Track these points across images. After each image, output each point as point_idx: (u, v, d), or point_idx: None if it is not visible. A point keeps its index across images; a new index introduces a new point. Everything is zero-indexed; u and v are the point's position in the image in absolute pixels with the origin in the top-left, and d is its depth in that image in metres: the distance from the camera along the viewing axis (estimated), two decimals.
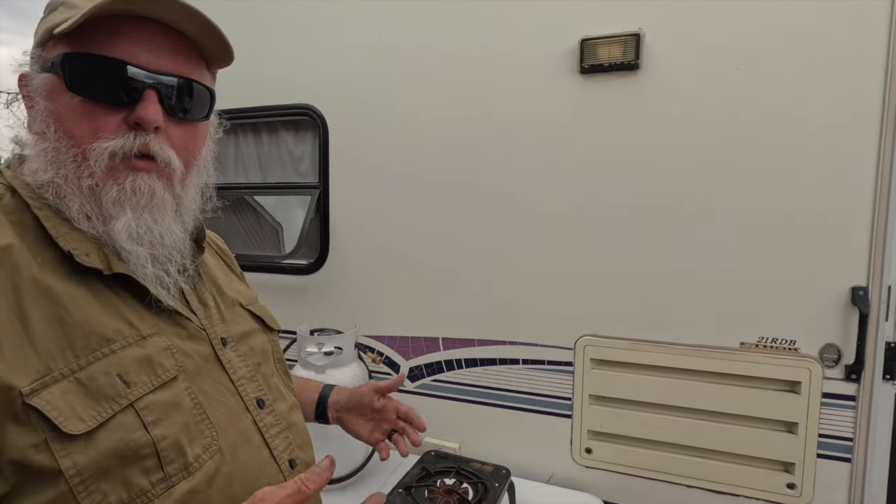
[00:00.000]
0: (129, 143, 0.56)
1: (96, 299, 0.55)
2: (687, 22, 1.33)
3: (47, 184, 0.56)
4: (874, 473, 1.25)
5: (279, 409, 0.70)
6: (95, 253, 0.56)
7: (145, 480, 0.51)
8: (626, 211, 1.42)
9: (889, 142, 1.20)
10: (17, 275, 0.50)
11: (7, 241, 0.51)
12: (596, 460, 1.48)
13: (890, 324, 1.23)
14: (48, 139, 0.56)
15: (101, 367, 0.51)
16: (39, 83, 0.57)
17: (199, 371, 0.61)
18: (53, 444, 0.46)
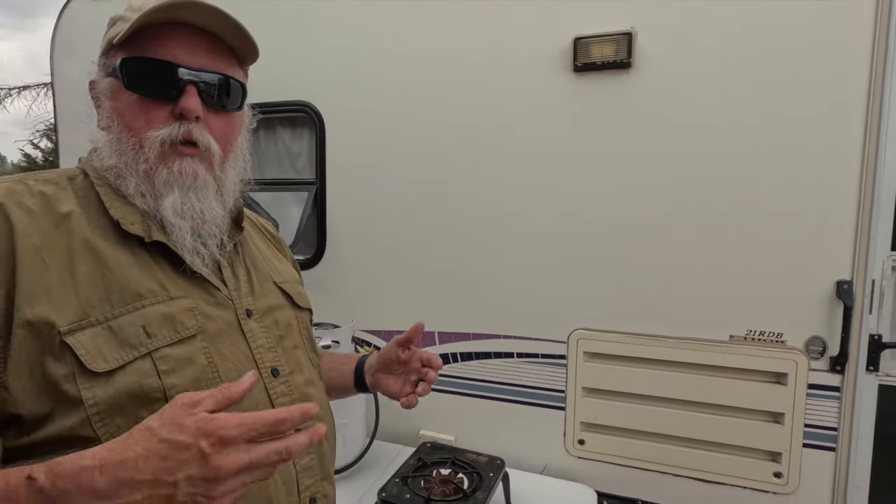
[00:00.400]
0: (175, 131, 0.66)
1: (136, 262, 0.64)
2: (678, 21, 1.36)
3: (111, 167, 0.66)
4: (858, 462, 1.29)
5: (294, 381, 0.74)
6: (139, 223, 0.65)
7: None
8: (618, 207, 1.44)
9: (873, 141, 1.23)
10: (71, 237, 0.61)
11: (69, 208, 0.63)
12: (589, 451, 1.52)
13: (873, 317, 1.27)
14: (113, 132, 0.67)
15: (130, 318, 0.59)
16: (104, 86, 0.68)
17: (221, 334, 0.67)
18: (79, 378, 0.54)
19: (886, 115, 1.20)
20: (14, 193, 0.61)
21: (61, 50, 2.15)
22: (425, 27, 1.59)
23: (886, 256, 1.25)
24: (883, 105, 1.21)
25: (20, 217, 0.59)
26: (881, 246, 1.25)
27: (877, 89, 1.21)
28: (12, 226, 0.58)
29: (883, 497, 1.29)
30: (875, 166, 1.23)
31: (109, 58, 0.68)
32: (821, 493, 1.33)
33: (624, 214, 1.44)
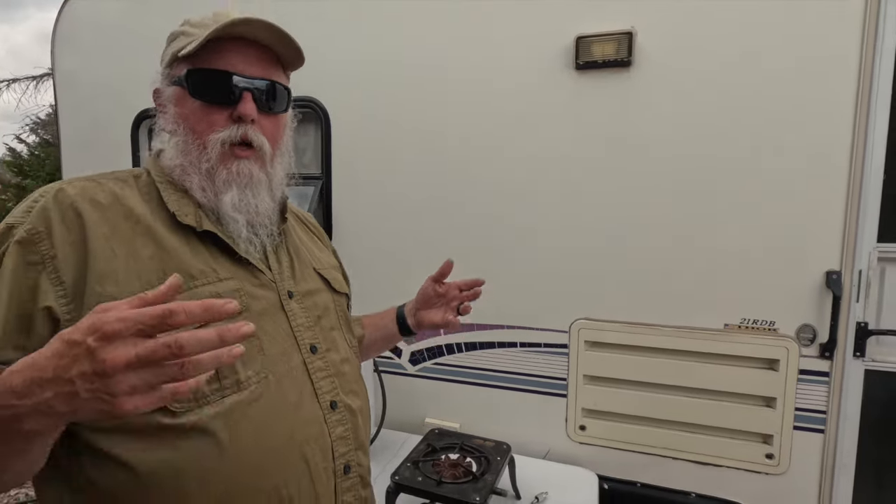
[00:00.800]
0: (234, 133, 0.73)
1: (189, 248, 0.71)
2: (677, 22, 1.40)
3: (178, 166, 0.74)
4: (845, 443, 1.36)
5: (331, 358, 0.81)
6: (192, 214, 0.73)
7: (206, 387, 0.65)
8: (618, 203, 1.50)
9: (861, 137, 1.29)
10: (136, 226, 0.69)
11: (134, 202, 0.71)
12: (590, 436, 1.57)
13: (860, 305, 1.33)
14: (178, 135, 0.74)
15: (183, 297, 0.65)
16: (169, 94, 0.76)
17: (265, 313, 0.74)
18: None
19: (874, 117, 1.27)
20: (86, 191, 0.68)
21: (62, 44, 2.15)
22: (430, 26, 1.63)
23: (873, 248, 1.31)
24: (870, 107, 1.27)
25: (90, 212, 0.66)
26: (868, 238, 1.31)
27: (864, 90, 1.27)
28: (84, 219, 0.65)
29: (868, 474, 1.36)
30: (863, 164, 1.29)
31: (174, 69, 0.76)
32: (810, 473, 1.40)
33: (623, 209, 1.49)
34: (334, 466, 0.76)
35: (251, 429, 0.67)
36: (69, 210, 0.65)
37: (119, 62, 2.07)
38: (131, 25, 2.04)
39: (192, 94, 0.73)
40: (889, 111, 1.27)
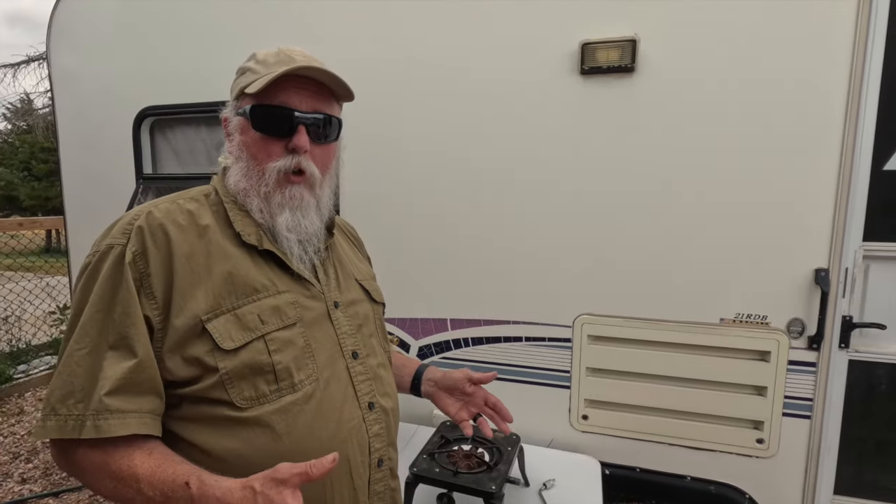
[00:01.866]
0: (289, 162, 0.82)
1: (253, 263, 0.80)
2: (679, 30, 1.46)
3: (242, 190, 0.83)
4: (829, 427, 1.46)
5: (369, 363, 0.90)
6: (254, 234, 0.82)
7: (265, 388, 0.75)
8: (620, 202, 1.56)
9: (850, 141, 1.37)
10: (210, 244, 0.78)
11: (206, 222, 0.80)
12: (592, 426, 1.66)
13: (846, 300, 1.43)
14: (242, 160, 0.83)
15: (250, 308, 0.77)
16: (235, 123, 0.84)
17: (315, 322, 0.83)
18: (215, 353, 0.72)
19: (862, 126, 1.34)
20: (170, 213, 0.78)
21: (58, 40, 2.12)
22: (436, 28, 1.66)
23: (858, 247, 1.40)
24: (859, 116, 1.35)
25: (175, 233, 0.76)
26: (854, 237, 1.40)
27: (854, 98, 1.35)
28: (170, 239, 0.75)
29: (850, 456, 1.47)
30: (851, 168, 1.37)
31: (240, 101, 0.84)
32: (797, 456, 1.50)
33: (625, 210, 1.56)
34: (370, 461, 0.85)
35: (303, 424, 0.76)
36: (158, 231, 0.74)
37: (119, 58, 2.06)
38: (130, 20, 2.02)
39: (255, 126, 0.81)
40: (875, 120, 1.34)
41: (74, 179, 2.21)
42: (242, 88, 0.82)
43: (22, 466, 2.96)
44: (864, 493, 1.48)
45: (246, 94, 0.81)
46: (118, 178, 2.10)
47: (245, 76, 0.84)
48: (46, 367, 4.26)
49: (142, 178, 2.09)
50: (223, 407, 0.73)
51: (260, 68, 0.82)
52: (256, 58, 0.84)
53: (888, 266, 1.42)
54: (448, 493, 1.28)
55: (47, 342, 4.61)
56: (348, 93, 0.88)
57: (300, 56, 0.83)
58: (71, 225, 2.25)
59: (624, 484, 1.64)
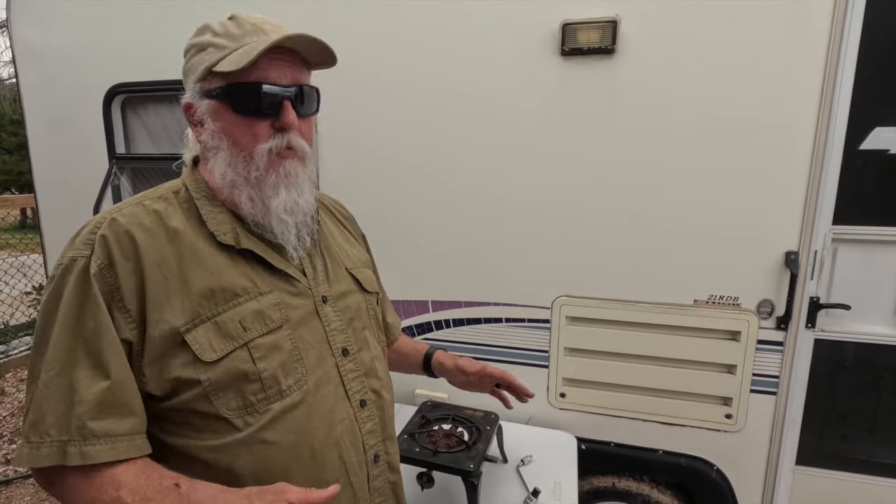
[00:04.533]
0: (279, 141, 0.75)
1: (232, 263, 0.75)
2: (659, 11, 1.44)
3: (229, 183, 0.76)
4: (794, 403, 1.53)
5: (362, 358, 0.86)
6: (230, 232, 0.76)
7: (252, 397, 0.72)
8: (598, 185, 1.57)
9: (824, 127, 1.39)
10: (182, 247, 0.72)
11: (177, 223, 0.74)
12: (569, 403, 1.71)
13: (814, 282, 1.47)
14: (222, 150, 0.75)
15: (230, 315, 0.72)
16: (205, 108, 0.75)
17: (302, 321, 0.79)
18: (196, 365, 0.69)
19: (835, 112, 1.36)
20: (135, 216, 0.72)
21: (20, 13, 2.02)
22: (416, 8, 1.61)
23: (828, 230, 1.44)
24: (833, 103, 1.36)
25: (143, 238, 0.70)
26: (824, 221, 1.43)
27: (828, 87, 1.36)
28: (137, 246, 0.69)
29: (812, 429, 1.54)
30: (823, 154, 1.39)
31: (207, 82, 0.75)
32: (762, 429, 1.57)
33: (603, 194, 1.57)
34: (366, 458, 0.83)
35: (293, 430, 0.74)
36: (124, 238, 0.69)
37: (86, 32, 1.97)
38: None
39: (235, 109, 0.73)
40: (849, 107, 1.36)
41: (44, 158, 2.14)
42: (209, 67, 0.73)
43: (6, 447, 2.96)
44: (824, 463, 1.56)
45: (216, 72, 0.72)
46: (90, 158, 2.04)
47: (208, 53, 0.74)
48: (25, 347, 4.21)
49: (115, 157, 2.03)
50: (210, 418, 0.70)
51: (226, 42, 0.73)
52: (214, 30, 0.75)
53: (855, 249, 1.47)
54: (428, 472, 1.32)
55: (25, 322, 4.54)
56: (332, 59, 0.80)
57: (269, 25, 0.75)
58: (43, 205, 2.19)
59: (599, 458, 1.70)
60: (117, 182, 2.06)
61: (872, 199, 1.46)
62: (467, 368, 1.21)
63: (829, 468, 1.56)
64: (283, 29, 0.76)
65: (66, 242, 0.73)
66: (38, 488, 2.62)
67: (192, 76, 0.76)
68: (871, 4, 1.32)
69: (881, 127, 1.42)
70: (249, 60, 0.70)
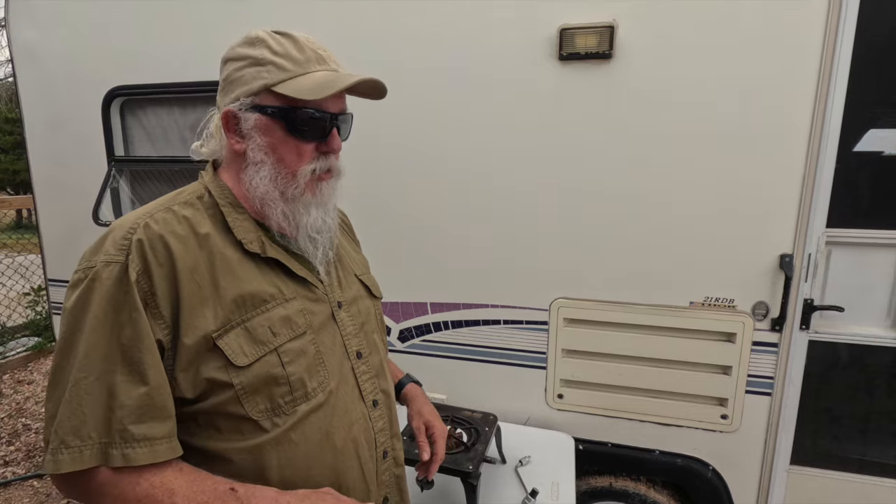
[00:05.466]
0: (323, 164, 0.80)
1: (259, 271, 0.78)
2: (655, 16, 1.46)
3: (264, 195, 0.78)
4: (788, 403, 1.55)
5: (372, 361, 0.91)
6: (256, 241, 0.78)
7: (281, 400, 0.75)
8: (596, 189, 1.59)
9: (818, 132, 1.41)
10: (212, 255, 0.74)
11: (207, 229, 0.75)
12: (567, 404, 1.73)
13: (808, 284, 1.49)
14: (266, 164, 0.77)
15: (260, 320, 0.74)
16: (254, 123, 0.77)
17: (322, 326, 0.82)
18: (228, 369, 0.71)
19: (829, 117, 1.38)
20: (168, 223, 0.73)
21: (18, 14, 2.02)
22: (414, 11, 1.62)
23: (822, 233, 1.46)
24: (826, 108, 1.38)
25: (176, 245, 0.71)
26: (818, 224, 1.45)
27: (822, 92, 1.38)
28: (172, 254, 0.70)
29: (805, 429, 1.57)
30: (817, 158, 1.41)
31: (261, 98, 0.76)
32: (757, 430, 1.59)
33: (601, 197, 1.59)
34: (376, 454, 0.87)
35: (317, 430, 0.78)
36: (158, 244, 0.70)
37: (84, 34, 1.97)
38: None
39: (290, 131, 0.76)
40: (843, 110, 1.38)
41: (42, 160, 2.14)
42: (268, 86, 0.75)
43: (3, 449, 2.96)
44: (818, 463, 1.58)
45: (274, 92, 0.75)
46: (88, 160, 2.04)
47: (266, 70, 0.76)
48: (23, 349, 4.20)
49: (113, 159, 2.03)
50: (238, 420, 0.73)
51: (288, 64, 0.76)
52: (271, 47, 0.76)
53: (849, 251, 1.49)
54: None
55: (23, 323, 4.53)
56: (383, 96, 0.86)
57: (327, 54, 0.80)
58: (41, 206, 2.19)
59: (596, 458, 1.72)
60: (116, 184, 2.06)
61: (866, 202, 1.48)
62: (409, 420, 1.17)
63: (822, 468, 1.58)
64: (333, 58, 0.81)
65: (65, 243, 0.74)
66: (36, 490, 2.62)
67: (240, 87, 0.77)
68: (865, 7, 1.34)
69: (875, 129, 1.44)
70: (325, 95, 0.74)
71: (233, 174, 0.81)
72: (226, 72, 0.79)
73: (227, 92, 0.78)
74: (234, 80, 0.78)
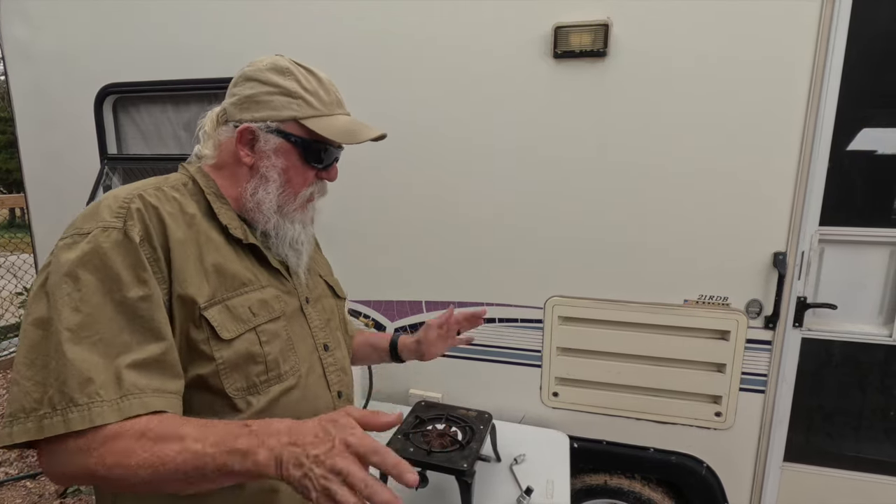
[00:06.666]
0: (320, 188, 0.91)
1: (237, 256, 0.82)
2: (650, 14, 1.46)
3: (259, 202, 0.84)
4: (781, 401, 1.56)
5: (337, 355, 0.96)
6: (240, 228, 0.83)
7: (256, 378, 0.78)
8: (591, 187, 1.59)
9: (811, 129, 1.41)
10: (199, 234, 0.78)
11: (194, 210, 0.79)
12: (562, 402, 1.73)
13: (801, 282, 1.50)
14: (274, 182, 0.84)
15: (240, 300, 0.79)
16: (273, 145, 0.83)
17: (293, 315, 0.88)
18: (212, 341, 0.74)
19: (822, 118, 1.39)
20: (160, 199, 0.76)
21: (10, 10, 2.00)
22: (411, 8, 1.62)
23: (815, 231, 1.47)
24: (819, 108, 1.39)
25: (168, 219, 0.74)
26: (811, 222, 1.46)
27: (815, 91, 1.39)
28: (166, 224, 0.73)
29: (799, 426, 1.57)
30: (810, 158, 1.42)
31: (286, 125, 0.83)
32: (751, 427, 1.60)
33: (595, 196, 1.59)
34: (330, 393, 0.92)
35: (288, 413, 0.79)
36: (153, 214, 0.73)
37: (77, 31, 1.96)
38: None
39: (306, 159, 0.85)
40: (836, 109, 1.39)
41: (34, 158, 2.13)
42: (298, 118, 0.83)
43: None
44: (811, 460, 1.59)
45: (301, 124, 0.83)
46: (81, 158, 2.03)
47: (297, 103, 0.83)
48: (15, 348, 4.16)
49: (106, 158, 2.02)
50: (214, 396, 0.75)
51: (316, 103, 0.84)
52: (301, 83, 0.83)
53: (841, 249, 1.50)
54: (422, 472, 1.33)
55: (15, 323, 4.50)
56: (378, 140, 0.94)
57: (342, 99, 0.90)
58: (34, 205, 2.18)
59: (591, 456, 1.72)
60: (109, 182, 2.05)
61: (858, 201, 1.49)
62: (430, 328, 1.24)
63: (815, 465, 1.59)
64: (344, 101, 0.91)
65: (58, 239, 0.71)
66: (29, 490, 2.61)
67: (268, 110, 0.83)
68: (857, 8, 1.35)
69: (868, 128, 1.45)
70: (353, 143, 0.86)
71: (229, 178, 0.86)
72: (250, 90, 0.83)
73: (251, 110, 0.83)
74: (262, 102, 0.83)
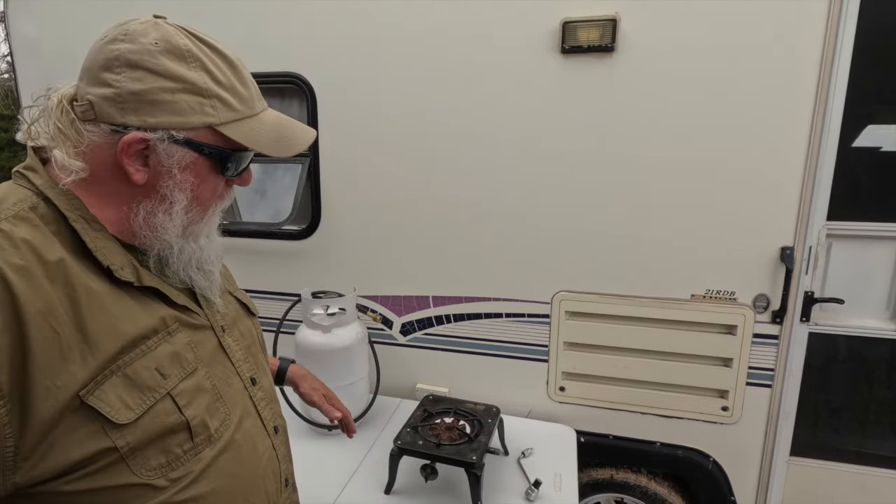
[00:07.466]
0: (230, 197, 0.76)
1: (134, 301, 0.63)
2: (658, 10, 1.46)
3: (158, 228, 0.66)
4: (788, 395, 1.56)
5: (265, 384, 0.82)
6: (128, 267, 0.64)
7: (179, 449, 0.63)
8: (598, 181, 1.59)
9: (818, 125, 1.41)
10: (74, 289, 0.57)
11: (58, 255, 0.57)
12: (569, 396, 1.73)
13: (808, 276, 1.50)
14: (178, 202, 0.66)
15: (143, 363, 0.61)
16: (179, 157, 0.64)
17: (212, 358, 0.72)
18: (107, 431, 0.57)
19: (830, 113, 1.39)
20: (3, 252, 0.53)
21: (17, 9, 2.01)
22: (418, 4, 1.62)
23: (822, 226, 1.47)
24: (827, 104, 1.39)
25: (18, 281, 0.53)
26: (819, 217, 1.46)
27: (823, 86, 1.39)
28: (14, 294, 0.52)
29: (805, 421, 1.58)
30: (818, 152, 1.42)
31: (196, 133, 0.64)
32: (758, 421, 1.60)
33: (603, 190, 1.59)
34: (280, 485, 0.81)
35: (225, 473, 0.68)
36: None
37: (84, 28, 1.96)
38: None
39: (223, 172, 0.69)
40: (843, 106, 1.39)
41: None
42: (210, 125, 0.64)
43: None
44: (817, 454, 1.60)
45: (215, 129, 0.65)
46: None
47: (212, 106, 0.64)
48: None
49: None
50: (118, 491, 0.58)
51: (234, 101, 0.66)
52: (212, 73, 0.64)
53: (849, 244, 1.50)
54: (431, 464, 1.34)
55: None
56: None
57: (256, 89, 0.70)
58: None
59: (597, 450, 1.73)
60: None
61: (865, 196, 1.49)
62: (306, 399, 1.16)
63: (822, 459, 1.59)
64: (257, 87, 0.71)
65: None
66: None
67: (170, 116, 0.62)
68: (866, 4, 1.35)
69: (874, 125, 1.45)
70: (288, 155, 0.71)
71: (103, 196, 0.63)
72: (137, 84, 0.60)
73: (142, 112, 0.60)
74: (160, 103, 0.61)
